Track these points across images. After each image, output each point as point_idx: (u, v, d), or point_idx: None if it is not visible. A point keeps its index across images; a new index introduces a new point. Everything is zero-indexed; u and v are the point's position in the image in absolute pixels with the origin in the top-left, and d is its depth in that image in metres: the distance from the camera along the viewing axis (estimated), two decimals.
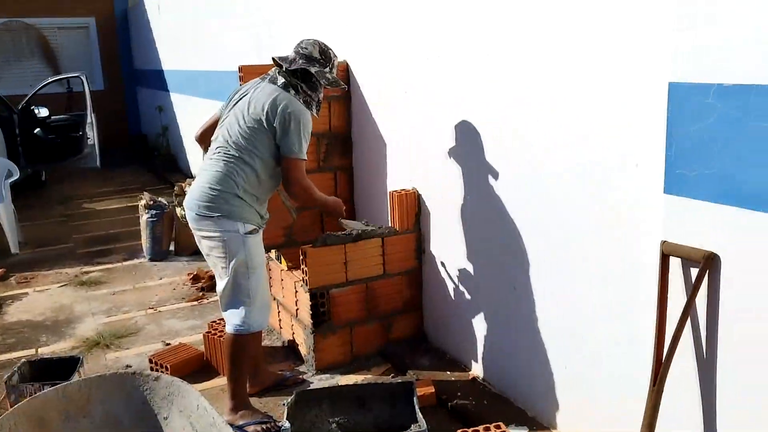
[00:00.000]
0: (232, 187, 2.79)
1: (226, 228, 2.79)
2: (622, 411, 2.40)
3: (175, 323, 4.24)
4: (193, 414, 2.20)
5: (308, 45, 2.93)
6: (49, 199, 8.43)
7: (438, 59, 3.21)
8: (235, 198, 2.79)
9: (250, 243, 2.84)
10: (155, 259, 5.57)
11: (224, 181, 2.79)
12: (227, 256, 2.82)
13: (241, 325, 2.90)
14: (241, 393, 3.01)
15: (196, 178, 2.92)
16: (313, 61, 2.89)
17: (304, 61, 2.88)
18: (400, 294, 3.63)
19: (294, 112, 2.78)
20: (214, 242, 2.82)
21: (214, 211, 2.78)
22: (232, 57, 6.46)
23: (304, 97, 2.87)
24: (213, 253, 2.86)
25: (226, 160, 2.81)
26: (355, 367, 3.49)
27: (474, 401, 3.05)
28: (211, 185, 2.79)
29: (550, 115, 2.57)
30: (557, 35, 2.48)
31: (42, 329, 4.23)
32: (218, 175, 2.80)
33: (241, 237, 2.81)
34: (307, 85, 2.89)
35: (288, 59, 2.91)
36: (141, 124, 12.36)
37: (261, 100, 2.82)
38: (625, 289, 2.34)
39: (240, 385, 3.00)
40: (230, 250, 2.81)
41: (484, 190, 3.03)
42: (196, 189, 2.85)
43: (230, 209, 2.78)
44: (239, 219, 2.80)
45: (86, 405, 2.25)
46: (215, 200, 2.78)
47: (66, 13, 11.79)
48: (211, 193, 2.79)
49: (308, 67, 2.86)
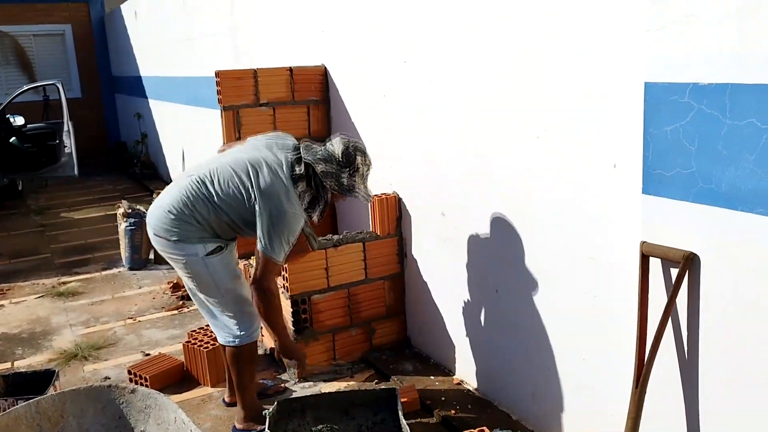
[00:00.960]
0: (192, 215, 2.64)
1: (185, 251, 2.68)
2: (605, 412, 2.39)
3: (154, 333, 4.17)
4: (170, 426, 2.15)
5: (336, 142, 2.67)
6: (26, 209, 8.30)
7: (415, 63, 3.20)
8: (191, 226, 2.65)
9: (214, 263, 2.70)
10: (134, 268, 5.49)
11: (186, 206, 2.64)
12: (194, 277, 2.74)
13: (233, 340, 2.85)
14: (249, 403, 2.96)
15: (162, 194, 2.77)
16: (330, 161, 2.63)
17: (320, 158, 2.64)
18: (382, 299, 3.60)
19: (287, 215, 2.59)
20: (177, 264, 2.75)
21: (171, 234, 2.66)
22: (209, 62, 6.41)
23: (314, 193, 2.66)
24: (180, 273, 2.80)
25: (198, 193, 2.65)
26: (338, 374, 3.45)
27: (458, 406, 3.03)
28: (171, 209, 2.65)
29: (530, 118, 2.56)
30: (535, 38, 2.47)
31: (18, 342, 4.14)
32: (182, 201, 2.64)
33: (202, 260, 2.68)
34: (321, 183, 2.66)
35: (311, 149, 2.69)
36: (120, 131, 12.24)
37: (260, 177, 2.62)
38: (606, 290, 2.33)
39: (246, 396, 2.95)
40: (195, 271, 2.72)
41: (465, 194, 3.02)
42: (156, 208, 2.72)
43: (187, 234, 2.65)
44: (198, 242, 2.66)
45: (60, 420, 2.20)
46: (172, 224, 2.65)
47: (41, 20, 11.65)
48: (169, 215, 2.65)
49: (315, 164, 2.63)
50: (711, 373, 1.90)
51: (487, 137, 2.82)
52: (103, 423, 2.24)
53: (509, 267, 2.80)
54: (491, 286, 2.94)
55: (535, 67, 2.49)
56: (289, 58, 4.49)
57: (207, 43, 6.52)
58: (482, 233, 2.94)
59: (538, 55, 2.46)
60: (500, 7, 2.61)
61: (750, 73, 1.67)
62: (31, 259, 6.01)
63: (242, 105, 3.87)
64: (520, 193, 2.67)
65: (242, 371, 2.90)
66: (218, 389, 3.37)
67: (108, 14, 11.67)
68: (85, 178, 9.66)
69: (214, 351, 3.40)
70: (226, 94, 3.83)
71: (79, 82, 12.05)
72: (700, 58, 1.79)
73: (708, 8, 1.75)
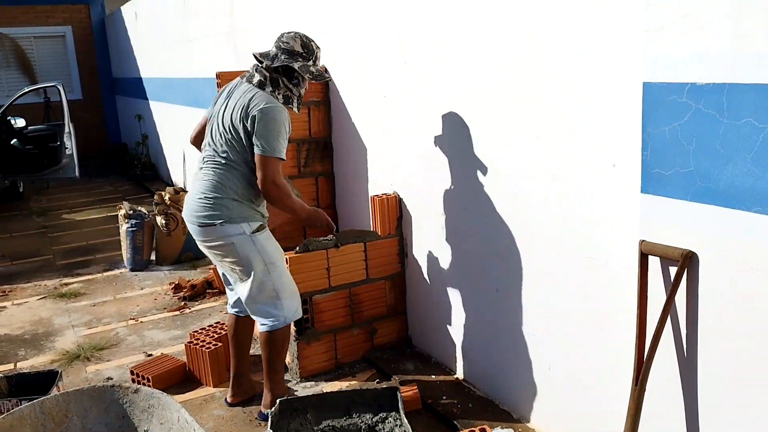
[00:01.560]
0: (226, 193, 2.76)
1: (232, 233, 2.76)
2: (605, 411, 2.41)
3: (156, 334, 4.19)
4: (173, 426, 2.17)
5: (289, 39, 2.83)
6: (28, 210, 8.32)
7: (416, 64, 3.21)
8: (232, 201, 2.76)
9: (261, 240, 2.81)
10: (136, 269, 5.51)
11: (217, 188, 2.76)
12: (242, 260, 2.79)
13: (276, 321, 2.88)
14: (278, 388, 3.00)
15: (190, 190, 2.89)
16: (295, 56, 2.80)
17: (286, 57, 2.79)
18: (383, 299, 3.62)
19: (264, 110, 2.70)
20: (224, 250, 2.79)
21: (214, 219, 2.75)
22: (210, 64, 6.43)
23: (285, 92, 2.81)
24: (226, 261, 2.83)
25: (215, 168, 2.78)
26: (340, 373, 3.47)
27: (459, 404, 3.05)
28: (206, 194, 2.77)
29: (529, 118, 2.57)
30: (534, 39, 2.48)
31: (20, 343, 4.16)
32: (210, 184, 2.77)
33: (249, 237, 2.78)
34: (289, 80, 2.82)
35: (269, 55, 2.83)
36: (120, 133, 12.26)
37: (236, 102, 2.77)
38: (605, 289, 2.34)
39: (277, 381, 3.00)
40: (243, 252, 2.78)
41: (466, 194, 3.03)
42: (192, 201, 2.82)
43: (230, 213, 2.75)
44: (242, 220, 2.77)
45: (64, 420, 2.21)
46: (213, 208, 2.75)
47: (42, 22, 11.67)
48: (207, 203, 2.76)
49: (291, 63, 2.79)
50: (710, 371, 1.92)
51: (487, 137, 2.83)
52: (107, 423, 2.25)
53: (509, 266, 2.81)
54: (491, 285, 2.96)
55: (534, 68, 2.50)
56: None
57: (207, 45, 6.54)
58: (482, 233, 2.95)
59: (538, 55, 2.47)
60: (500, 8, 2.62)
61: (747, 73, 1.69)
62: (33, 260, 6.03)
63: None
64: (520, 192, 2.68)
65: (276, 356, 2.94)
66: (220, 389, 3.38)
67: (108, 16, 11.69)
68: (86, 180, 9.69)
69: (216, 351, 3.42)
70: None
71: (80, 84, 12.07)
72: (697, 58, 1.80)
73: (705, 8, 1.77)
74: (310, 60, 2.85)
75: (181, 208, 5.46)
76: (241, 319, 3.14)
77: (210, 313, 4.48)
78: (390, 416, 2.86)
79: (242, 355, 3.18)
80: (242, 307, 3.11)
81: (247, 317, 3.15)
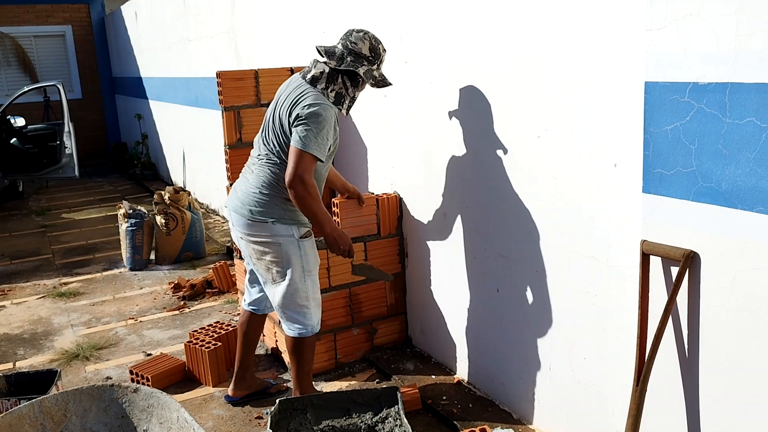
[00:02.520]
0: (281, 192, 2.73)
1: (282, 233, 2.74)
2: (607, 411, 2.40)
3: (156, 333, 4.18)
4: (173, 426, 2.16)
5: (357, 39, 2.71)
6: (27, 210, 8.32)
7: (417, 64, 3.21)
8: (287, 202, 2.74)
9: (306, 246, 2.80)
10: (135, 268, 5.50)
11: (273, 185, 2.74)
12: (283, 261, 2.77)
13: (303, 329, 2.87)
14: (310, 391, 3.00)
15: (240, 182, 2.86)
16: (361, 59, 2.70)
17: (352, 60, 2.69)
18: (383, 299, 3.61)
19: (310, 105, 2.61)
20: (269, 247, 2.76)
21: (268, 216, 2.73)
22: (210, 63, 6.43)
23: (339, 89, 2.70)
24: (266, 258, 2.79)
25: (271, 164, 2.76)
26: (340, 373, 3.46)
27: (459, 404, 3.04)
28: (261, 190, 2.74)
29: (531, 118, 2.57)
30: (535, 38, 2.48)
31: (19, 342, 4.15)
32: (266, 180, 2.75)
33: (297, 241, 2.76)
34: (350, 80, 2.73)
35: (335, 54, 2.72)
36: (120, 132, 12.25)
37: (286, 98, 2.73)
38: (606, 289, 2.34)
39: (306, 385, 2.99)
40: (286, 254, 2.76)
41: (466, 194, 3.02)
42: (245, 193, 2.78)
43: (283, 213, 2.74)
44: (293, 223, 2.75)
45: (63, 419, 2.21)
46: (267, 205, 2.73)
47: (42, 22, 11.67)
48: (262, 198, 2.73)
49: (356, 68, 2.69)
50: (711, 371, 1.91)
51: (488, 137, 2.82)
52: (106, 422, 2.24)
53: (510, 266, 2.81)
54: (492, 285, 2.95)
55: (535, 68, 2.49)
56: (290, 59, 4.50)
57: (207, 44, 6.53)
58: (483, 232, 2.95)
59: (539, 55, 2.47)
60: (500, 7, 2.62)
61: (749, 72, 1.68)
62: (32, 259, 6.03)
63: (243, 105, 3.87)
64: (521, 192, 2.68)
65: (307, 360, 2.94)
66: (220, 389, 3.38)
67: (108, 15, 11.69)
68: (86, 179, 9.69)
69: (215, 351, 3.41)
70: (228, 95, 3.83)
71: (80, 83, 12.06)
72: (699, 58, 1.80)
73: (707, 7, 1.76)
74: (375, 64, 2.75)
75: (180, 207, 5.47)
76: (255, 316, 3.13)
77: (209, 312, 4.47)
78: (390, 416, 2.85)
79: (249, 351, 3.18)
80: (260, 306, 3.11)
81: (262, 316, 3.15)
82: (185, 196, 5.58)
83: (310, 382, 3.04)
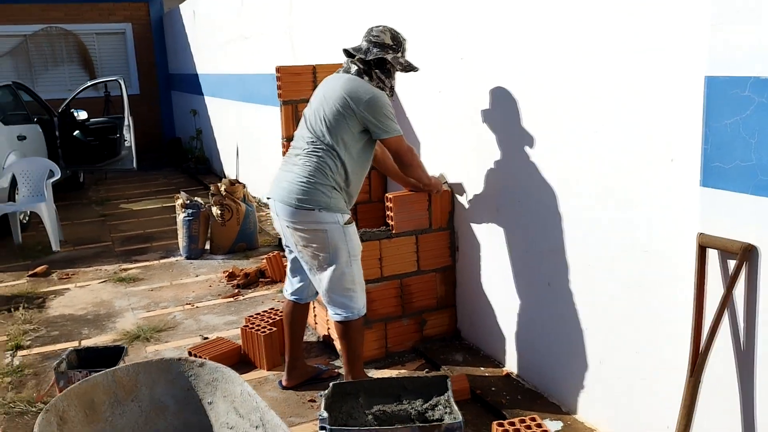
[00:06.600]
0: (327, 179, 2.86)
1: (328, 220, 2.85)
2: (657, 405, 2.42)
3: (212, 319, 4.33)
4: (236, 399, 2.27)
5: (379, 33, 2.97)
6: (87, 200, 8.66)
7: (473, 60, 3.26)
8: (332, 190, 2.87)
9: (350, 232, 2.92)
10: (191, 257, 5.69)
11: (318, 173, 2.85)
12: (329, 247, 2.88)
13: (349, 313, 2.98)
14: (360, 375, 3.10)
15: (282, 173, 2.98)
16: (386, 48, 2.93)
17: (378, 50, 2.92)
18: (434, 291, 3.67)
19: (375, 96, 2.85)
20: (315, 235, 2.87)
21: (313, 203, 2.84)
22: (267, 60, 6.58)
23: (377, 83, 2.93)
24: (312, 246, 2.90)
25: (316, 153, 2.88)
26: (390, 362, 3.54)
27: (508, 396, 3.08)
28: (308, 178, 2.85)
29: (587, 115, 2.60)
30: (593, 32, 2.51)
31: (84, 323, 4.36)
32: (313, 169, 2.86)
33: (342, 227, 2.88)
34: (382, 71, 2.95)
35: (361, 49, 2.95)
36: (175, 127, 12.60)
37: (338, 90, 2.88)
38: (659, 282, 2.35)
39: (357, 369, 3.09)
40: (333, 241, 2.87)
41: (519, 189, 3.06)
42: (291, 183, 2.89)
43: (329, 201, 2.85)
44: (338, 210, 2.87)
45: (133, 389, 2.34)
46: (313, 193, 2.84)
47: (103, 20, 12.10)
48: (308, 187, 2.85)
49: (384, 55, 2.91)
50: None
51: (543, 132, 2.86)
52: (173, 394, 2.37)
53: (562, 260, 2.84)
54: (543, 279, 2.98)
55: (594, 63, 2.52)
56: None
57: (263, 42, 6.70)
58: (535, 226, 2.98)
59: (598, 50, 2.50)
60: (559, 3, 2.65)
61: None
62: (93, 246, 6.29)
63: (301, 100, 3.98)
64: (575, 187, 2.71)
65: (356, 344, 3.05)
66: (274, 372, 3.49)
67: (167, 13, 12.05)
68: (141, 172, 10.00)
69: (270, 336, 3.53)
70: (286, 89, 3.95)
71: (137, 80, 12.46)
72: (761, 52, 1.81)
73: None
74: (399, 52, 2.98)
75: (235, 199, 5.63)
76: (299, 305, 3.24)
77: (262, 300, 4.61)
78: (440, 404, 2.91)
79: (297, 340, 3.29)
80: (302, 295, 3.21)
81: (305, 304, 3.25)
82: (240, 188, 5.75)
83: (361, 367, 3.12)
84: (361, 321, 3.05)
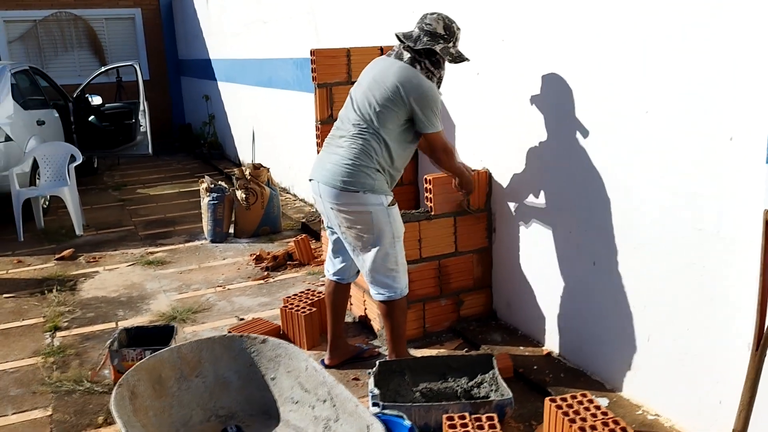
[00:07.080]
0: (372, 162, 2.87)
1: (372, 202, 2.87)
2: (710, 380, 2.46)
3: (245, 300, 4.37)
4: (301, 374, 2.31)
5: (432, 21, 2.91)
6: (103, 185, 8.67)
7: (515, 42, 3.27)
8: (376, 172, 2.89)
9: (393, 213, 2.95)
10: (216, 241, 5.72)
11: (363, 156, 2.87)
12: (374, 228, 2.91)
13: (392, 293, 3.01)
14: (404, 354, 3.14)
15: (326, 155, 2.99)
16: (437, 38, 2.88)
17: (428, 39, 2.88)
18: (470, 272, 3.71)
19: (426, 90, 2.85)
20: (359, 216, 2.90)
21: (358, 186, 2.86)
22: (288, 44, 6.57)
23: (426, 73, 2.91)
24: (356, 227, 2.93)
25: (362, 136, 2.89)
26: (428, 342, 3.58)
27: (551, 374, 3.13)
28: (353, 160, 2.87)
29: (637, 94, 2.61)
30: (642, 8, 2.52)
31: (118, 305, 4.39)
32: (356, 151, 2.87)
33: (386, 209, 2.91)
34: (431, 62, 2.92)
35: (412, 36, 2.92)
36: (185, 113, 12.58)
37: (390, 77, 2.87)
38: (717, 260, 2.38)
39: (401, 348, 3.13)
40: (377, 223, 2.90)
41: (563, 170, 3.08)
42: (335, 164, 2.91)
43: (373, 183, 2.87)
44: (382, 192, 2.90)
45: (198, 366, 2.38)
46: (358, 175, 2.86)
47: (113, 5, 12.06)
48: (353, 169, 2.86)
49: (433, 45, 2.87)
50: None
51: (590, 113, 2.88)
52: (237, 370, 2.41)
53: (609, 239, 2.86)
54: (588, 258, 3.01)
55: (644, 37, 2.53)
56: (376, 38, 4.59)
57: (284, 26, 6.68)
58: (578, 206, 3.01)
59: (647, 26, 2.50)
60: None
61: None
62: (116, 230, 6.32)
63: (335, 83, 4.00)
64: (625, 166, 2.73)
65: (400, 323, 3.08)
66: (314, 352, 3.53)
67: None
68: (154, 158, 10.00)
69: (311, 316, 3.57)
70: (321, 72, 3.96)
71: (147, 65, 12.43)
72: None
73: None
74: (451, 42, 2.93)
75: (260, 183, 5.65)
76: (340, 285, 3.28)
77: (293, 283, 4.65)
78: (485, 381, 2.96)
79: (339, 320, 3.32)
80: (344, 275, 3.25)
81: (346, 284, 3.29)
82: (265, 172, 5.77)
83: (404, 346, 3.16)
84: (405, 301, 3.09)
